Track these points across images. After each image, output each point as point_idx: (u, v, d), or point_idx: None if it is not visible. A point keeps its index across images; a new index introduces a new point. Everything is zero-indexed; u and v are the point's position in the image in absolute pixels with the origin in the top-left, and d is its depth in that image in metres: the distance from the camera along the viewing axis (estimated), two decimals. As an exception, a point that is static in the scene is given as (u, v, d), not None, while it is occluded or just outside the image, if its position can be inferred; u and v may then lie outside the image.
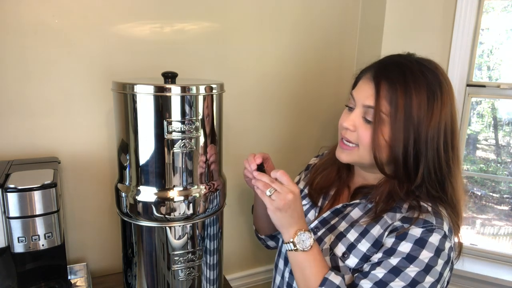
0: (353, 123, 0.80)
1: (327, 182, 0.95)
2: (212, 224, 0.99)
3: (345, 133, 0.82)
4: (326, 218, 0.88)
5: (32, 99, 1.04)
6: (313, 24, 1.39)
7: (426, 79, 0.75)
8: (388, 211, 0.79)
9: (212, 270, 1.03)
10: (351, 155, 0.83)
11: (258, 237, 1.15)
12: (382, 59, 0.83)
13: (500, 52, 1.47)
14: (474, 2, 1.32)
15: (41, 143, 1.07)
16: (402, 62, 0.78)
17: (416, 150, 0.75)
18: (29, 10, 0.99)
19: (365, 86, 0.80)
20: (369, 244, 0.78)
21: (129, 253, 0.98)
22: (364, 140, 0.79)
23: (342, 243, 0.81)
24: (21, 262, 0.91)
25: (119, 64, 1.11)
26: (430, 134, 0.75)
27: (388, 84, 0.76)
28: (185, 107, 0.86)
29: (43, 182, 0.85)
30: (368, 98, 0.78)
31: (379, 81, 0.77)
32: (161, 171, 0.89)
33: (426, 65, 0.78)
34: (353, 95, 0.83)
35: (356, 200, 0.86)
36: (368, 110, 0.78)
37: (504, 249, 1.54)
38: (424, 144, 0.75)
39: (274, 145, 1.43)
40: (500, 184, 1.62)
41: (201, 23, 1.20)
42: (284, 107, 1.41)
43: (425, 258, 0.71)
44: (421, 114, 0.74)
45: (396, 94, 0.74)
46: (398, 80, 0.75)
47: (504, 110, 1.55)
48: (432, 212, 0.76)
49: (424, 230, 0.73)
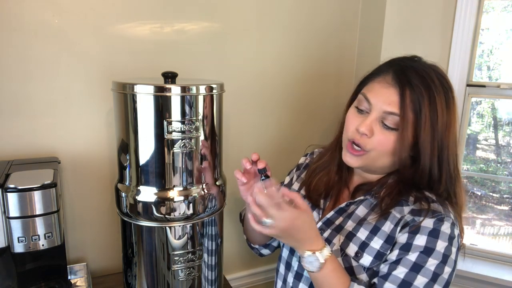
0: (370, 128, 0.77)
1: (327, 184, 0.92)
2: (212, 224, 0.99)
3: (359, 138, 0.78)
4: (330, 218, 0.87)
5: (32, 99, 1.04)
6: (313, 24, 1.39)
7: (443, 87, 0.76)
8: (395, 205, 0.79)
9: (212, 270, 1.03)
10: (361, 160, 0.80)
11: (251, 246, 1.09)
12: (396, 62, 0.81)
13: (500, 52, 1.47)
14: (474, 2, 1.32)
15: (41, 143, 1.07)
16: (420, 68, 0.77)
17: (440, 155, 0.76)
18: (30, 10, 0.99)
19: (385, 90, 0.77)
20: (382, 241, 0.77)
21: (129, 253, 0.98)
22: (384, 146, 0.76)
23: (353, 242, 0.79)
24: (21, 262, 0.91)
25: (119, 64, 1.11)
26: (451, 141, 0.77)
27: (411, 91, 0.74)
28: (185, 107, 0.86)
29: (43, 182, 0.85)
30: (391, 105, 0.75)
31: (403, 87, 0.75)
32: (161, 171, 0.89)
33: (439, 71, 0.78)
34: (369, 99, 0.78)
35: (360, 197, 0.84)
36: (388, 116, 0.75)
37: (504, 249, 1.54)
38: (446, 151, 0.76)
39: (274, 145, 1.43)
40: (500, 184, 1.62)
41: (201, 23, 1.20)
42: (284, 107, 1.41)
43: (441, 248, 0.72)
44: (444, 122, 0.75)
45: (422, 103, 0.74)
46: (421, 88, 0.74)
47: (504, 110, 1.55)
48: (438, 202, 0.77)
49: (435, 220, 0.74)
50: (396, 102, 0.75)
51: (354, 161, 0.81)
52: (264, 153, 1.40)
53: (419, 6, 1.35)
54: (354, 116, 0.82)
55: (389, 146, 0.76)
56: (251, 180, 0.87)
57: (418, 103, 0.74)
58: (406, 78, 0.75)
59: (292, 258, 0.91)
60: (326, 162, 0.94)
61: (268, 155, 1.40)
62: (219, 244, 1.04)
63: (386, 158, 0.78)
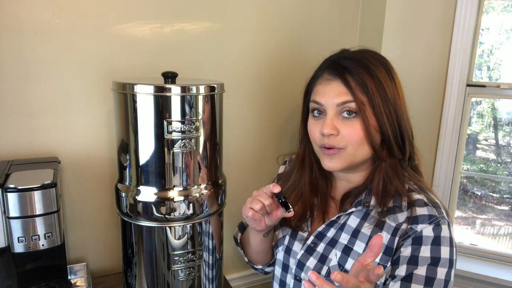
0: (333, 126, 0.76)
1: (304, 207, 0.88)
2: (212, 224, 0.99)
3: (328, 140, 0.77)
4: (321, 231, 0.84)
5: (32, 99, 1.04)
6: (313, 24, 1.39)
7: (379, 61, 0.79)
8: (389, 213, 0.78)
9: (212, 270, 1.03)
10: (341, 160, 0.78)
11: (254, 268, 1.03)
12: (327, 60, 0.83)
13: (500, 52, 1.47)
14: (474, 2, 1.32)
15: (41, 143, 1.07)
16: (350, 55, 0.80)
17: (399, 125, 0.79)
18: (29, 10, 0.99)
19: (329, 86, 0.78)
20: (381, 253, 0.76)
21: (129, 253, 0.98)
22: (355, 136, 0.76)
23: (351, 257, 0.78)
24: (21, 262, 0.90)
25: (119, 64, 1.11)
26: (403, 108, 0.80)
27: (352, 75, 0.76)
28: (185, 107, 0.86)
29: (43, 182, 0.85)
30: (340, 95, 0.76)
31: (343, 76, 0.76)
32: (161, 171, 0.89)
33: (369, 50, 0.81)
34: (318, 101, 0.79)
35: (352, 209, 0.81)
36: (343, 107, 0.76)
37: (504, 249, 1.54)
38: (402, 118, 0.79)
39: (274, 145, 1.43)
40: (500, 184, 1.62)
41: (201, 23, 1.20)
42: (284, 107, 1.41)
43: (446, 254, 0.73)
44: (392, 92, 0.77)
45: (365, 82, 0.75)
46: (360, 69, 0.76)
47: (504, 110, 1.55)
48: (430, 203, 0.77)
49: (433, 227, 0.74)
50: (344, 91, 0.76)
51: (335, 163, 0.78)
52: (265, 153, 1.40)
53: (419, 6, 1.35)
54: (313, 124, 0.81)
55: (359, 133, 0.76)
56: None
57: (363, 84, 0.75)
58: (342, 68, 0.77)
59: (286, 276, 0.90)
60: (294, 182, 0.91)
61: (268, 155, 1.41)
62: (219, 244, 1.04)
63: (363, 148, 0.78)
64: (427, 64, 1.40)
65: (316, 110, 0.81)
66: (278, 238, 0.93)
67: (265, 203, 0.75)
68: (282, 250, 0.91)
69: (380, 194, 0.79)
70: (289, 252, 0.89)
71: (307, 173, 0.89)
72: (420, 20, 1.36)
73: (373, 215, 0.79)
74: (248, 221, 0.82)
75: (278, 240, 0.93)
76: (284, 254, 0.90)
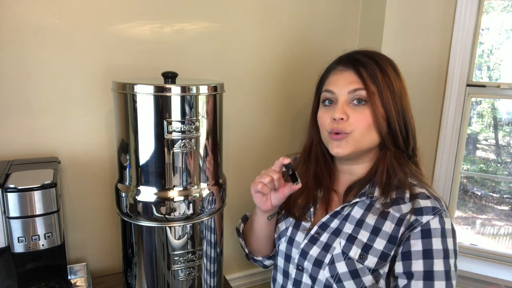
0: (344, 111, 0.81)
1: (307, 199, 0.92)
2: (212, 224, 0.99)
3: (337, 125, 0.82)
4: (325, 222, 0.86)
5: (32, 99, 1.04)
6: (313, 24, 1.39)
7: (387, 60, 0.86)
8: (392, 204, 0.80)
9: (212, 270, 1.03)
10: (349, 145, 0.82)
11: (254, 259, 1.05)
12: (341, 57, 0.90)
13: (500, 52, 1.47)
14: (474, 2, 1.32)
15: (41, 143, 1.07)
16: (363, 52, 0.87)
17: (404, 118, 0.84)
18: (29, 10, 0.99)
19: (342, 76, 0.85)
20: (385, 241, 0.78)
21: (129, 253, 0.98)
22: (363, 122, 0.81)
23: (356, 245, 0.80)
24: (21, 262, 0.90)
25: (119, 64, 1.11)
26: (408, 105, 0.86)
27: (365, 68, 0.83)
28: (185, 107, 0.86)
29: (43, 182, 0.85)
30: (352, 83, 0.82)
31: (356, 67, 0.83)
32: (161, 171, 0.89)
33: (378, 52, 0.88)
34: (331, 90, 0.85)
35: (356, 199, 0.84)
36: (355, 94, 0.82)
37: (504, 249, 1.54)
38: (407, 113, 0.85)
39: (275, 145, 1.43)
40: (500, 184, 1.62)
41: (201, 23, 1.20)
42: (284, 106, 1.41)
43: (451, 245, 0.76)
44: (399, 88, 0.84)
45: (376, 74, 0.82)
46: (372, 64, 0.83)
47: (504, 110, 1.55)
48: (432, 196, 0.80)
49: (439, 219, 0.77)
50: (355, 80, 0.82)
51: (342, 148, 0.83)
52: (265, 153, 1.40)
53: (419, 6, 1.35)
54: (324, 112, 0.87)
55: (367, 119, 0.81)
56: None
57: (374, 76, 0.82)
58: (356, 60, 0.85)
59: (288, 266, 0.91)
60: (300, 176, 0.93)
61: (268, 155, 1.40)
62: (219, 244, 1.04)
63: (370, 134, 0.82)
64: (427, 64, 1.40)
65: (328, 99, 0.86)
66: (281, 230, 0.94)
67: (274, 177, 0.81)
68: (285, 241, 0.92)
69: (383, 185, 0.82)
70: (292, 243, 0.90)
71: (313, 165, 0.94)
72: (420, 20, 1.37)
73: (377, 206, 0.82)
74: (256, 199, 0.86)
75: (281, 232, 0.94)
76: (287, 245, 0.91)
